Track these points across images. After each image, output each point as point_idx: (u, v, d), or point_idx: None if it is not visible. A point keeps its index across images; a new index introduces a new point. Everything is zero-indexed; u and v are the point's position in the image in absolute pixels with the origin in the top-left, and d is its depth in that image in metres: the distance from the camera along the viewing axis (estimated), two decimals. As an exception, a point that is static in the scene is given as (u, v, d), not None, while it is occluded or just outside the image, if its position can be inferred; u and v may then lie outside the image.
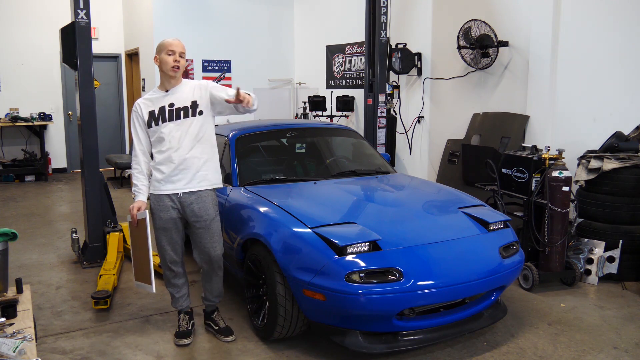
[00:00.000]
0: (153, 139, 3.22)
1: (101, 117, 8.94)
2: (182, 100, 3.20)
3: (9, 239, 2.78)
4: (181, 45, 3.19)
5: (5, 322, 2.45)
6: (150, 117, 3.19)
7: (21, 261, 4.90)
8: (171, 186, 3.19)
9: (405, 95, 7.33)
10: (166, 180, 3.18)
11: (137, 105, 3.24)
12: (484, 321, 3.26)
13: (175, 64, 3.14)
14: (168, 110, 3.18)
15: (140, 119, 3.22)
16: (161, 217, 3.23)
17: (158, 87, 3.28)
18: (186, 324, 3.40)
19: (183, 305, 3.44)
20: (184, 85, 3.27)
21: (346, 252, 2.91)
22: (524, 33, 5.64)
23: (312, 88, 9.22)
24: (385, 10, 6.14)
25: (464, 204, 3.72)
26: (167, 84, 3.22)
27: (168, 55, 3.14)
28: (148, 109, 3.20)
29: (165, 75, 3.20)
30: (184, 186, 3.19)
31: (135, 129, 3.24)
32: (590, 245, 4.40)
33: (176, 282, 3.40)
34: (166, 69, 3.15)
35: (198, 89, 3.26)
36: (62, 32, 4.69)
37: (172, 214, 3.23)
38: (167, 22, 8.49)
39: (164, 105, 3.19)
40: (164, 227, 3.25)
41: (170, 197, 3.21)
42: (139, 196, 3.22)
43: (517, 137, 5.58)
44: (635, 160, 4.29)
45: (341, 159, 4.80)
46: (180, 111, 3.18)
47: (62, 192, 8.26)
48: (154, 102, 3.21)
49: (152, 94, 3.26)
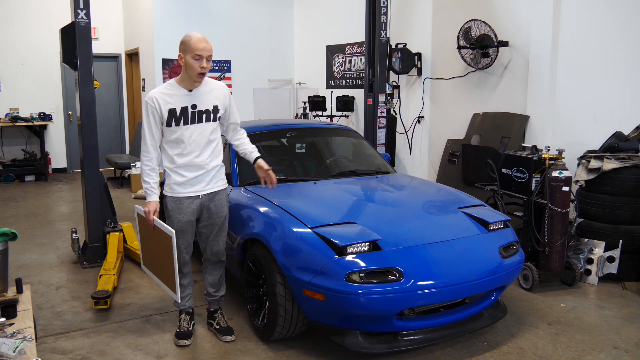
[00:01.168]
0: (170, 138, 3.10)
1: (101, 117, 8.95)
2: (204, 103, 3.11)
3: (9, 239, 2.78)
4: (209, 48, 2.99)
5: (5, 322, 2.45)
6: (171, 115, 3.05)
7: (21, 261, 4.90)
8: (192, 189, 3.15)
9: (405, 95, 7.33)
10: (187, 184, 3.14)
11: (154, 100, 3.04)
12: (484, 321, 3.26)
13: (203, 71, 2.98)
14: (191, 112, 3.07)
15: (157, 115, 3.05)
16: (180, 220, 3.17)
17: (177, 81, 3.10)
18: (187, 324, 3.39)
19: (186, 305, 3.42)
20: (207, 85, 3.16)
21: (346, 252, 2.91)
22: (524, 33, 5.64)
23: (312, 88, 9.22)
24: (385, 10, 6.14)
25: (464, 204, 3.72)
26: (189, 83, 3.08)
27: (194, 60, 2.95)
28: (168, 106, 3.04)
29: (189, 77, 3.04)
30: (204, 188, 3.17)
31: (150, 124, 3.08)
32: (590, 245, 4.40)
33: (183, 282, 3.36)
34: (192, 74, 2.99)
35: (222, 94, 3.19)
36: (62, 32, 4.69)
37: (190, 216, 3.19)
38: (167, 22, 8.50)
39: (186, 105, 3.06)
40: (182, 230, 3.19)
41: (189, 198, 3.16)
42: (152, 196, 3.13)
43: (517, 137, 5.57)
44: (635, 160, 4.29)
45: (341, 159, 4.80)
46: (203, 114, 3.11)
47: (62, 192, 8.26)
48: (174, 99, 3.06)
49: (170, 89, 3.09)
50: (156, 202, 3.14)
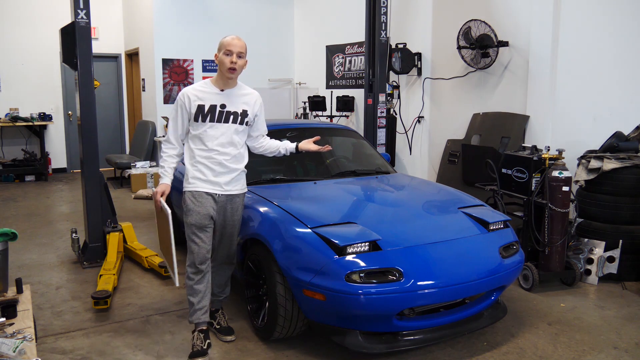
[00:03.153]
0: (195, 133, 3.13)
1: (101, 117, 8.94)
2: (234, 105, 3.15)
3: (9, 239, 2.78)
4: (240, 45, 3.07)
5: (5, 322, 2.45)
6: (199, 111, 3.09)
7: (21, 261, 4.90)
8: (211, 186, 3.14)
9: (405, 95, 7.33)
10: (207, 180, 3.13)
11: (185, 96, 3.12)
12: (484, 321, 3.26)
13: (232, 65, 3.04)
14: (219, 111, 3.11)
15: (186, 110, 3.12)
16: (199, 212, 3.11)
17: (211, 81, 3.18)
18: (201, 342, 3.12)
19: (200, 319, 3.16)
20: (240, 89, 3.22)
21: (346, 252, 2.91)
22: (524, 33, 5.64)
23: (312, 88, 9.23)
24: (385, 10, 6.14)
25: (464, 204, 3.72)
26: (222, 82, 3.14)
27: (226, 55, 3.05)
28: (197, 102, 3.10)
29: (222, 75, 3.12)
30: (222, 188, 3.16)
31: (176, 117, 3.15)
32: (590, 245, 4.40)
33: (199, 287, 3.15)
34: (223, 69, 3.07)
35: (252, 101, 3.23)
36: (62, 32, 4.69)
37: (210, 210, 3.14)
38: (167, 22, 8.50)
39: (215, 104, 3.11)
40: (200, 224, 3.12)
41: (208, 195, 3.15)
42: (164, 178, 3.16)
43: (517, 137, 5.58)
44: (635, 160, 4.29)
45: (341, 159, 4.80)
46: (230, 115, 3.13)
47: (62, 192, 8.26)
48: (205, 97, 3.12)
49: (203, 87, 3.16)
50: (166, 185, 3.16)
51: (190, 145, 3.17)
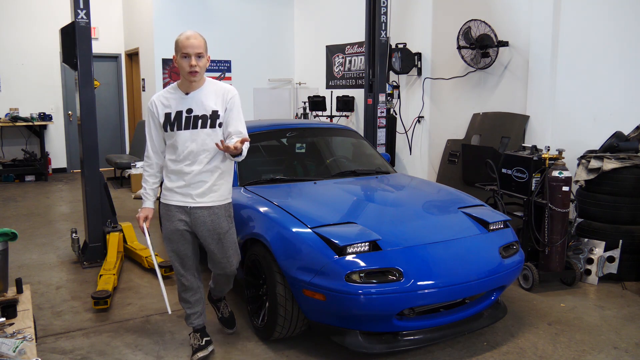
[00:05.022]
0: (168, 144, 2.93)
1: (101, 117, 8.95)
2: (202, 107, 2.85)
3: (9, 239, 2.78)
4: (197, 44, 2.76)
5: (5, 322, 2.46)
6: (166, 120, 2.86)
7: (21, 261, 4.90)
8: (181, 198, 2.92)
9: (405, 95, 7.33)
10: (176, 192, 2.93)
11: (153, 103, 2.90)
12: (484, 321, 3.26)
13: (192, 69, 2.76)
14: (185, 117, 2.84)
15: (156, 119, 2.90)
16: (167, 227, 2.97)
17: (178, 84, 2.92)
18: (198, 341, 3.13)
19: (194, 323, 3.15)
20: (207, 87, 2.90)
21: (346, 252, 2.91)
22: (524, 33, 5.64)
23: (312, 88, 9.23)
24: (385, 10, 6.14)
25: (464, 204, 3.72)
26: (187, 85, 2.87)
27: (183, 58, 2.77)
28: (165, 110, 2.87)
29: (183, 78, 2.86)
30: (193, 200, 2.91)
31: (150, 128, 2.95)
32: (590, 245, 4.40)
33: (187, 296, 3.11)
34: (184, 74, 2.81)
35: (222, 97, 2.90)
36: (62, 32, 4.69)
37: (178, 225, 2.95)
38: (167, 22, 8.50)
39: (181, 110, 2.85)
40: (169, 238, 2.99)
41: (179, 208, 2.94)
42: (146, 202, 3.03)
43: (517, 137, 5.58)
44: (635, 160, 4.29)
45: (341, 159, 4.80)
46: (198, 120, 2.84)
47: (62, 192, 8.26)
48: (171, 103, 2.87)
49: (170, 92, 2.92)
50: (148, 208, 3.03)
51: (167, 155, 2.97)
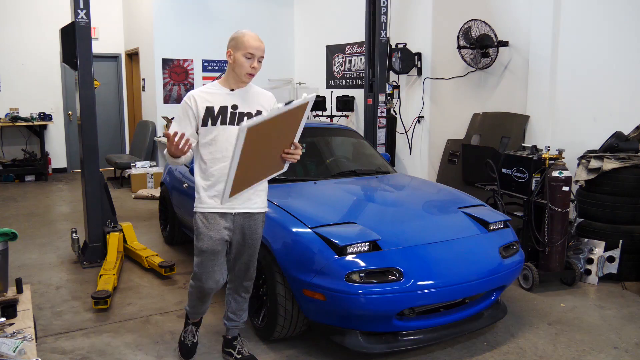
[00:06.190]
0: (205, 141, 2.74)
1: (101, 117, 8.93)
2: (247, 105, 2.77)
3: (9, 239, 2.78)
4: (262, 48, 2.71)
5: (5, 322, 2.45)
6: (208, 113, 2.70)
7: (21, 261, 4.90)
8: (227, 203, 2.68)
9: (405, 95, 7.33)
10: (218, 198, 2.71)
11: (192, 98, 2.74)
12: (484, 321, 3.26)
13: (252, 71, 2.71)
14: (230, 112, 2.73)
15: (192, 113, 2.72)
16: (211, 237, 2.74)
17: (219, 81, 2.82)
18: (192, 337, 3.11)
19: (196, 318, 3.12)
20: (253, 88, 2.86)
21: (346, 252, 2.91)
22: (524, 33, 5.64)
23: (312, 88, 9.22)
24: (385, 10, 6.14)
25: (464, 203, 3.72)
26: (234, 82, 2.78)
27: (246, 58, 2.68)
28: (205, 104, 2.72)
29: (235, 75, 2.76)
30: (239, 205, 2.75)
31: (180, 120, 2.74)
32: (590, 245, 4.40)
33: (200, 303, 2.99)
34: (239, 72, 2.71)
35: (267, 103, 2.84)
36: (62, 32, 4.69)
37: (224, 234, 2.77)
38: (167, 22, 8.49)
39: (226, 105, 2.73)
40: (213, 250, 2.76)
41: (224, 215, 2.76)
42: None
43: (517, 137, 5.57)
44: (635, 160, 4.29)
45: (341, 158, 4.80)
46: (244, 116, 2.73)
47: (62, 192, 8.26)
48: (213, 98, 2.74)
49: (211, 88, 2.79)
50: None
51: (201, 156, 2.77)
